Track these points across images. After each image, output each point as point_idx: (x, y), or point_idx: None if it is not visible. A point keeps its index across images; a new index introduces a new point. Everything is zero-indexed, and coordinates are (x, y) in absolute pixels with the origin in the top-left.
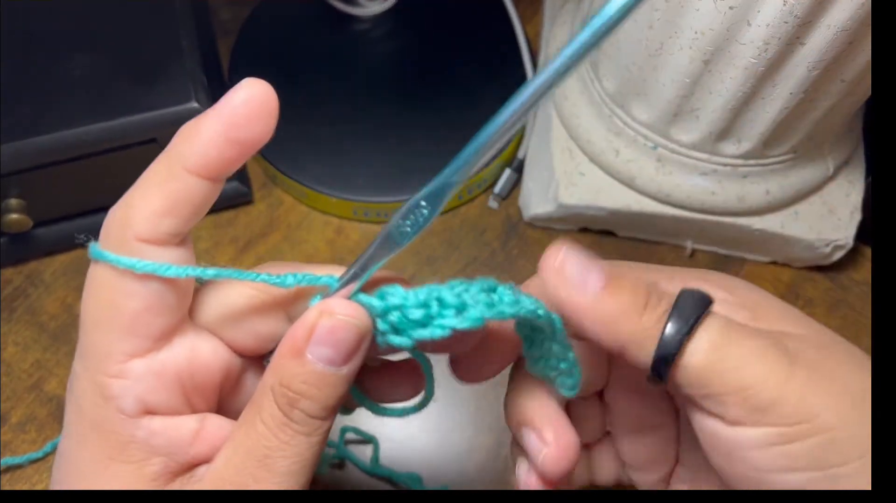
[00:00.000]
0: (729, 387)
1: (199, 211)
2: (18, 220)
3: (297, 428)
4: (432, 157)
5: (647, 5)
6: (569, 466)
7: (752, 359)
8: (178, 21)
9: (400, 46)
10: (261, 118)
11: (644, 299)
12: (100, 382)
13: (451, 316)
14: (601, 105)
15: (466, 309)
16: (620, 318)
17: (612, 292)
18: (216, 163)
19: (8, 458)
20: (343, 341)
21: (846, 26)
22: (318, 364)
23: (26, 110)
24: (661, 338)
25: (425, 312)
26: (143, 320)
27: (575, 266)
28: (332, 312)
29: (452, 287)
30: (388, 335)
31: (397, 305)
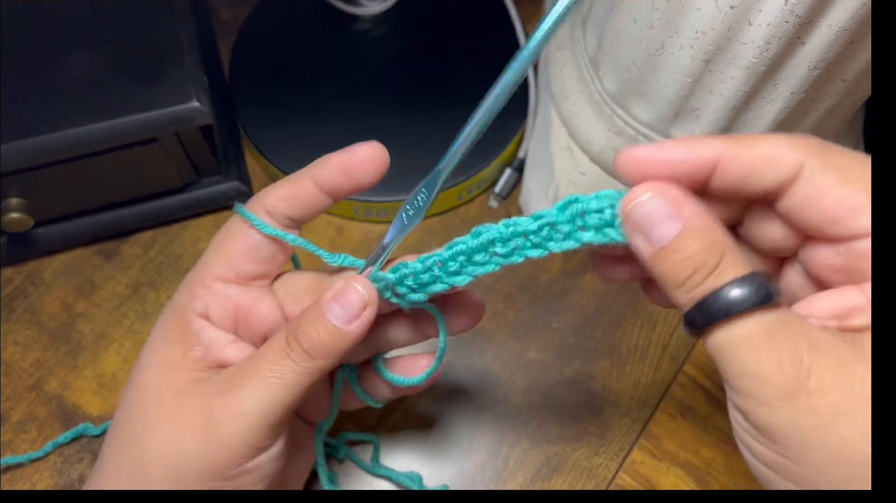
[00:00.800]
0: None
1: (309, 210)
2: (19, 220)
3: (294, 356)
4: (432, 157)
5: (647, 5)
6: None
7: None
8: (178, 21)
9: (400, 46)
10: (371, 168)
11: (707, 264)
12: (192, 285)
13: (449, 275)
14: (601, 104)
15: (461, 272)
16: (670, 273)
17: (672, 252)
18: (331, 183)
19: (8, 458)
20: (351, 304)
21: (847, 26)
22: (330, 317)
23: (26, 110)
24: (702, 304)
25: (431, 275)
26: (238, 259)
27: (648, 208)
28: (350, 282)
29: (449, 248)
30: (409, 294)
31: (407, 274)
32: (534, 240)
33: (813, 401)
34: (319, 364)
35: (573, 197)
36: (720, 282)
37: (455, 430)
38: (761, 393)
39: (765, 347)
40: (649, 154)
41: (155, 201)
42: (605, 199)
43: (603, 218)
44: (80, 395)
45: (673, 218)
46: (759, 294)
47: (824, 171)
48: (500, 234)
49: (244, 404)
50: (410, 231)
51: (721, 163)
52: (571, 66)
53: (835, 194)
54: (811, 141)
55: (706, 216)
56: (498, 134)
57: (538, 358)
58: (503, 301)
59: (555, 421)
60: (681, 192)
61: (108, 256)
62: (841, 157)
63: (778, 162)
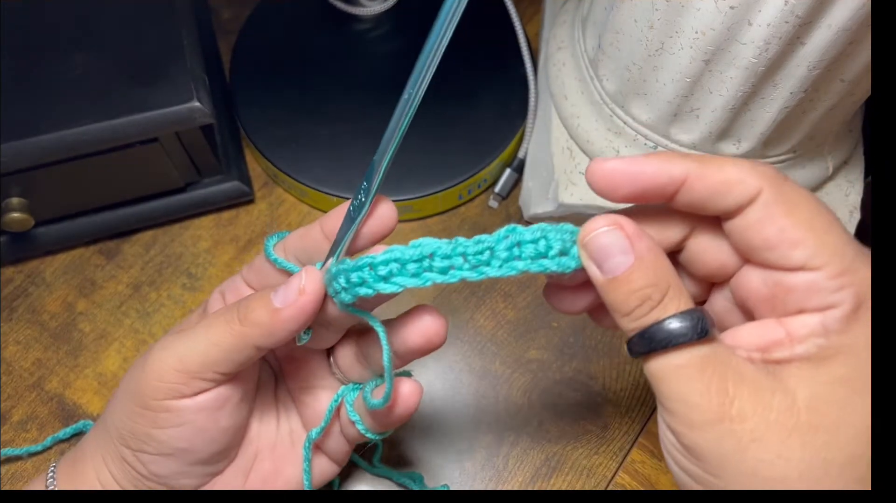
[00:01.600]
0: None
1: (315, 253)
2: (20, 219)
3: (224, 317)
4: (432, 157)
5: (647, 5)
6: None
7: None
8: (178, 21)
9: (400, 46)
10: (386, 223)
11: (652, 298)
12: (230, 278)
13: (378, 280)
14: (601, 105)
15: (391, 279)
16: (619, 306)
17: (623, 283)
18: (333, 229)
19: (8, 449)
20: (291, 289)
21: (847, 26)
22: (272, 297)
23: (27, 110)
24: (645, 333)
25: (360, 276)
26: (257, 271)
27: (604, 241)
28: (299, 273)
29: (385, 253)
30: (340, 293)
31: (342, 270)
32: (472, 262)
33: (734, 426)
34: (247, 334)
35: (511, 227)
36: (663, 316)
37: (455, 430)
38: (690, 416)
39: (696, 377)
40: (621, 167)
41: (156, 201)
42: (538, 230)
43: (537, 249)
44: (80, 395)
45: (626, 251)
46: (696, 329)
47: (776, 201)
48: (440, 249)
49: (175, 345)
50: (360, 224)
51: (688, 181)
52: (571, 67)
53: (778, 224)
54: (770, 170)
55: (656, 252)
56: (498, 134)
57: (538, 357)
58: (503, 300)
59: (554, 420)
60: (635, 228)
61: (108, 256)
62: (794, 191)
63: (740, 186)
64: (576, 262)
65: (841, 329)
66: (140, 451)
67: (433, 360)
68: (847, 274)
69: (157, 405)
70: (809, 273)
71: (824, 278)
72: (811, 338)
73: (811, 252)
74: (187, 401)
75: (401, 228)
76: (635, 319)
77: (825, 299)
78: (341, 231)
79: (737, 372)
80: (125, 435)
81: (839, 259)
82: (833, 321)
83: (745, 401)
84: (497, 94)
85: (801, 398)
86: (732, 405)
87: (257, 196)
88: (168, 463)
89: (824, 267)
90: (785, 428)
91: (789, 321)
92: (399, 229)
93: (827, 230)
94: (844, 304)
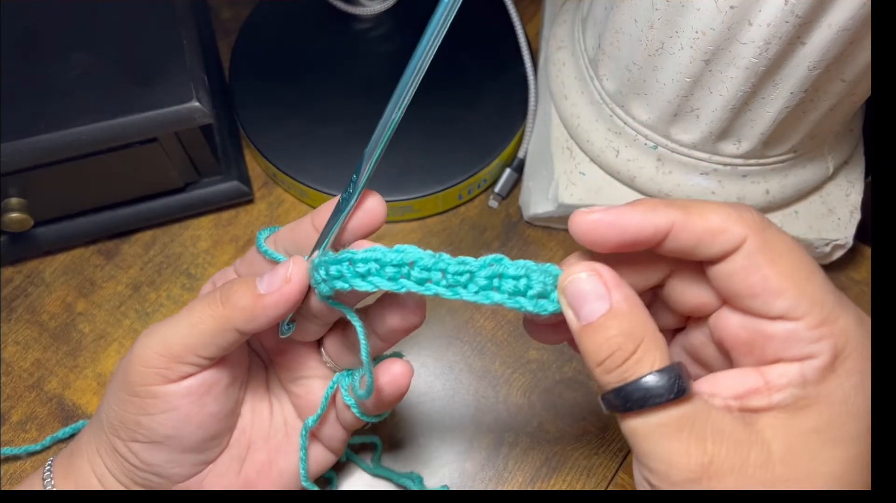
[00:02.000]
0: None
1: (304, 247)
2: (19, 219)
3: (207, 301)
4: (432, 157)
5: (647, 5)
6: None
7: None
8: (178, 21)
9: (400, 46)
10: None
11: (623, 348)
12: (222, 269)
13: (355, 276)
14: (601, 105)
15: (367, 277)
16: (593, 356)
17: (596, 330)
18: (323, 222)
19: (7, 449)
20: (276, 276)
21: (847, 26)
22: (257, 283)
23: (26, 110)
24: (623, 389)
25: (338, 269)
26: (248, 262)
27: (581, 287)
28: (285, 263)
29: (366, 252)
30: (320, 284)
31: (323, 261)
32: (450, 280)
33: (712, 484)
34: (229, 317)
35: (498, 257)
36: (638, 372)
37: (455, 430)
38: (669, 475)
39: (675, 437)
40: (605, 220)
41: (155, 201)
42: (522, 268)
43: (517, 286)
44: (80, 395)
45: (602, 299)
46: (673, 388)
47: (760, 250)
48: (422, 260)
49: (158, 330)
50: (347, 217)
51: (673, 230)
52: (571, 66)
53: (762, 273)
54: (754, 217)
55: (633, 302)
56: (498, 134)
57: (538, 357)
58: None
59: (554, 420)
60: (614, 277)
61: (108, 256)
62: (778, 239)
63: (724, 235)
64: (553, 307)
65: (818, 379)
66: (131, 441)
67: (433, 360)
68: (826, 324)
69: (143, 391)
70: (790, 323)
71: (804, 328)
72: (789, 388)
73: (792, 302)
74: (172, 387)
75: (401, 228)
76: (607, 371)
77: (804, 349)
78: (329, 224)
79: (715, 428)
80: (116, 425)
81: (819, 309)
82: (811, 371)
83: (724, 458)
84: (497, 94)
85: (777, 450)
86: (711, 464)
87: (257, 196)
88: (159, 451)
89: (805, 317)
90: (761, 483)
91: (768, 370)
92: (399, 229)
93: (808, 279)
94: (823, 355)
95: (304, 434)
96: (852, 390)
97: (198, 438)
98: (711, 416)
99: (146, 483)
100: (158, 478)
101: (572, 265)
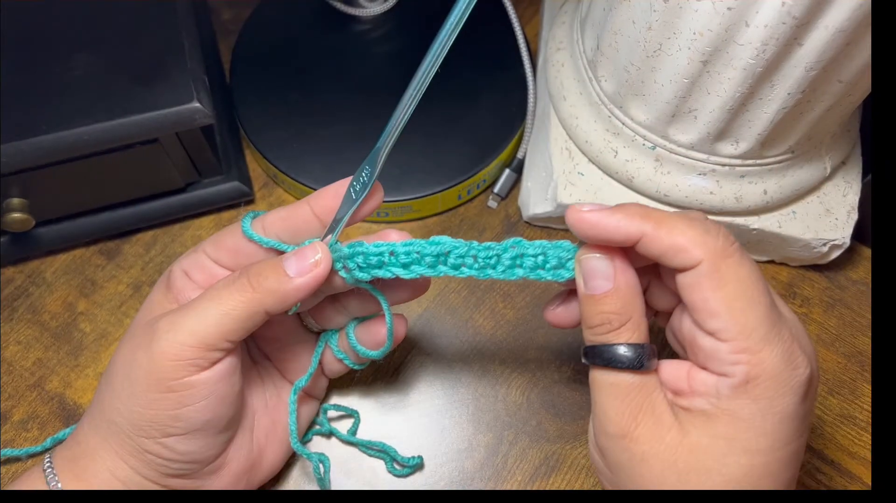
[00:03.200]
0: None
1: (299, 233)
2: (20, 220)
3: (237, 285)
4: (432, 157)
5: (645, 6)
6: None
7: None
8: (178, 21)
9: (400, 46)
10: (374, 206)
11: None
12: (187, 253)
13: (398, 266)
14: (600, 105)
15: (410, 266)
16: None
17: (596, 302)
18: (324, 206)
19: (8, 450)
20: (306, 258)
21: (843, 27)
22: (285, 265)
23: (27, 110)
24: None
25: (379, 259)
26: (224, 246)
27: (595, 265)
28: (312, 244)
29: (406, 245)
30: (355, 271)
31: (360, 252)
32: (481, 263)
33: (631, 445)
34: (261, 300)
35: (517, 240)
36: (615, 340)
37: (455, 429)
38: (605, 426)
39: (620, 398)
40: (589, 218)
41: (156, 201)
42: (539, 247)
43: (536, 261)
44: (81, 394)
45: (608, 279)
46: (635, 360)
47: (709, 275)
48: (456, 249)
49: (182, 321)
50: (359, 205)
51: (642, 240)
52: (570, 67)
53: (704, 294)
54: (719, 244)
55: (632, 287)
56: (497, 134)
57: (537, 357)
58: (502, 300)
59: (554, 419)
60: (623, 263)
61: (109, 256)
62: (731, 269)
63: (684, 254)
64: (568, 274)
65: (729, 396)
66: (164, 437)
67: (433, 360)
68: (746, 352)
69: (179, 385)
70: (716, 342)
71: (725, 351)
72: (706, 397)
73: (722, 326)
74: (207, 373)
75: (400, 228)
76: (594, 334)
77: (722, 367)
78: (341, 211)
79: (651, 404)
80: (143, 426)
81: (744, 338)
82: (724, 387)
83: (646, 428)
84: (496, 95)
85: (689, 442)
86: (636, 429)
87: (257, 196)
88: (195, 438)
89: (730, 341)
90: (667, 460)
91: (694, 375)
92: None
93: (744, 310)
94: (736, 377)
95: (293, 397)
96: (759, 412)
97: (229, 417)
98: (652, 395)
99: (180, 473)
100: (192, 464)
101: (593, 247)
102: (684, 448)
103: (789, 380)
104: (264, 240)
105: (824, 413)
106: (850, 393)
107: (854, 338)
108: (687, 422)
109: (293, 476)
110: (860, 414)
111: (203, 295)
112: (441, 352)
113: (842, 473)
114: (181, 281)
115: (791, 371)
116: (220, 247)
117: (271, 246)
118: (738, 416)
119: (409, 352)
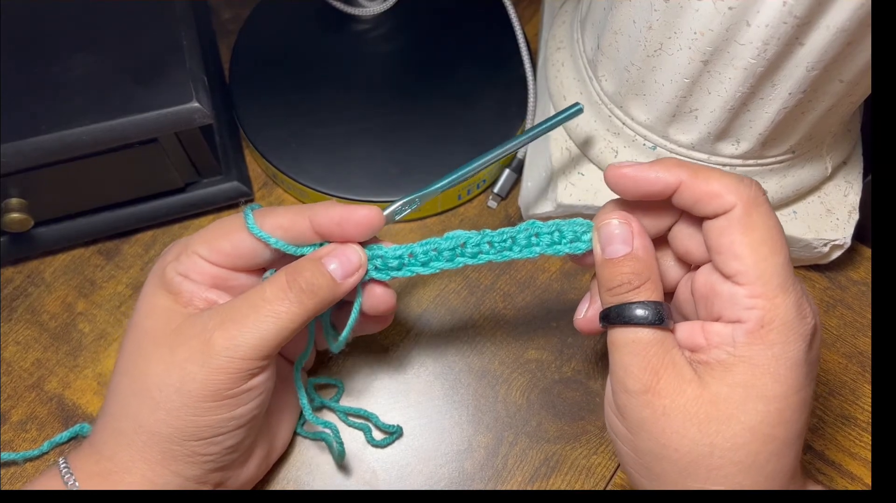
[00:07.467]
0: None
1: (296, 243)
2: (19, 220)
3: (292, 297)
4: (432, 157)
5: (646, 6)
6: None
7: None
8: (178, 21)
9: (400, 46)
10: (363, 230)
11: (630, 282)
12: (177, 252)
13: (417, 265)
14: (600, 105)
15: (429, 263)
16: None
17: (615, 265)
18: (324, 229)
19: (6, 454)
20: (350, 261)
21: (845, 27)
22: (329, 268)
23: (26, 110)
24: (611, 309)
25: (399, 262)
26: (221, 251)
27: (613, 230)
28: (349, 245)
29: (424, 244)
30: (372, 272)
31: (379, 255)
32: (497, 248)
33: (653, 399)
34: (313, 306)
35: (531, 222)
36: (634, 299)
37: (454, 430)
38: (626, 382)
39: (640, 353)
40: (630, 173)
41: (155, 201)
42: (553, 225)
43: (552, 238)
44: (80, 395)
45: (626, 243)
46: (654, 317)
47: (740, 220)
48: (471, 238)
49: (241, 337)
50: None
51: (680, 188)
52: (570, 67)
53: (732, 237)
54: (751, 192)
55: (648, 250)
56: (497, 134)
57: (537, 357)
58: (502, 300)
59: (554, 420)
60: (640, 228)
61: (108, 256)
62: (760, 216)
63: (719, 199)
64: (585, 246)
65: (744, 342)
66: (215, 436)
67: (432, 360)
68: (762, 297)
69: (235, 391)
70: (734, 286)
71: (742, 295)
72: (723, 347)
73: (743, 269)
74: (263, 375)
75: (400, 228)
76: (613, 295)
77: (737, 313)
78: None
79: (671, 359)
80: (194, 432)
81: (762, 283)
82: (739, 334)
83: (667, 382)
84: (496, 95)
85: (709, 393)
86: (658, 382)
87: (257, 196)
88: (243, 431)
89: (747, 285)
90: (689, 411)
91: (709, 328)
92: (398, 229)
93: (766, 257)
94: (750, 322)
95: (297, 373)
96: (773, 358)
97: (266, 406)
98: (672, 351)
99: (223, 466)
100: (235, 454)
101: (609, 212)
102: (704, 399)
103: (799, 328)
104: (272, 239)
105: (825, 414)
106: (851, 393)
107: (855, 339)
108: (706, 374)
109: (293, 475)
110: (861, 414)
111: (255, 304)
112: (441, 353)
113: (843, 474)
114: (185, 285)
115: (801, 320)
116: (215, 250)
117: (279, 247)
118: (753, 362)
119: (409, 353)
